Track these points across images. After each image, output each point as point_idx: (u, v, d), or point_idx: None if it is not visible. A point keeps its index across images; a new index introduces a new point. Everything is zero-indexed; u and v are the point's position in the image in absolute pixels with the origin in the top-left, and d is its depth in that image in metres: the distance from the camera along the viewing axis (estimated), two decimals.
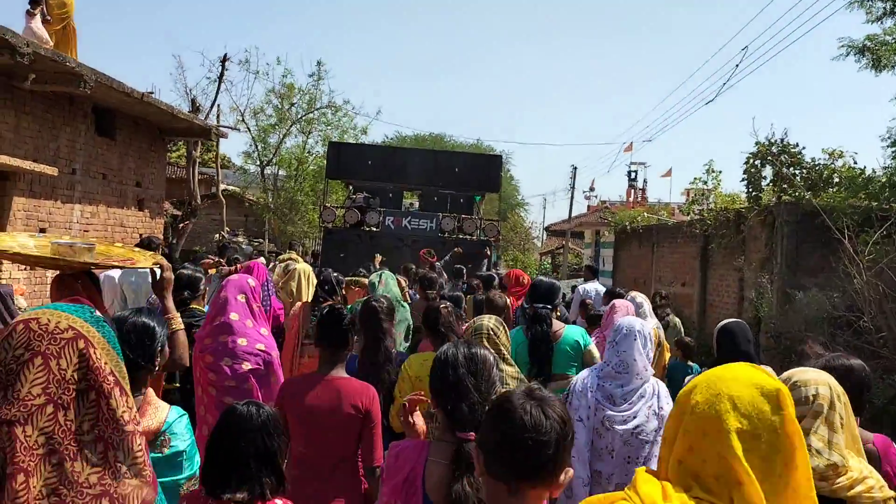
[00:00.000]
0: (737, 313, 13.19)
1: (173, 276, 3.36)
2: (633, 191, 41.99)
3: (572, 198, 41.17)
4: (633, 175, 44.19)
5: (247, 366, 3.64)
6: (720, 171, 14.54)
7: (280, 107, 25.54)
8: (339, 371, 3.25)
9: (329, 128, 26.76)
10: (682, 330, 8.46)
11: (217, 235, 25.56)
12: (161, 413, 2.51)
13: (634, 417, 3.41)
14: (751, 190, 11.43)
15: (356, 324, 3.52)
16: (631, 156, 55.74)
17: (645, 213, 19.49)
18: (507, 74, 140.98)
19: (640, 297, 6.33)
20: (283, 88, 25.72)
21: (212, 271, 7.10)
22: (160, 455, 2.43)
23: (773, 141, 11.49)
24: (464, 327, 4.44)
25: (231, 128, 19.78)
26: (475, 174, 16.26)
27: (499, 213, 26.05)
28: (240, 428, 2.20)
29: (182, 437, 2.53)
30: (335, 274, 5.67)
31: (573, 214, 44.93)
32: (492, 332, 3.64)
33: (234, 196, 29.31)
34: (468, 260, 12.80)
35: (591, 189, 53.88)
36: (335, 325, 3.29)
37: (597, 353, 4.61)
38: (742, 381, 1.43)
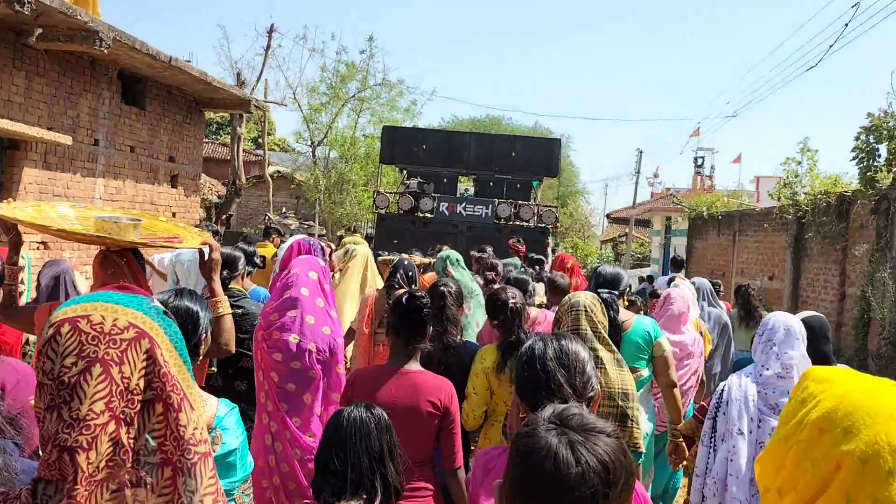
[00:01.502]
0: (837, 312, 11.52)
1: (220, 258, 3.16)
2: (699, 177, 40.40)
3: (637, 183, 39.29)
4: (699, 161, 42.88)
5: (312, 345, 3.37)
6: (816, 151, 12.79)
7: (334, 85, 24.47)
8: (414, 364, 3.01)
9: (383, 107, 25.62)
10: None
11: (266, 217, 24.79)
12: (210, 407, 2.26)
13: None
14: (863, 170, 9.72)
15: (432, 314, 3.18)
16: (698, 141, 53.40)
17: (725, 198, 17.74)
18: (570, 51, 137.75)
19: (685, 285, 6.16)
20: (339, 65, 24.69)
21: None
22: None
23: (890, 113, 9.77)
24: (539, 311, 4.60)
25: (277, 103, 18.81)
26: (533, 159, 15.61)
27: (558, 198, 24.88)
28: (351, 434, 2.05)
29: (234, 433, 2.28)
30: (407, 261, 5.25)
31: (637, 201, 42.98)
32: (588, 309, 3.45)
33: (285, 177, 28.53)
34: (526, 248, 11.83)
35: (656, 175, 51.91)
36: (415, 313, 3.02)
37: (668, 347, 4.19)
38: None
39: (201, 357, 2.44)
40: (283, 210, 27.75)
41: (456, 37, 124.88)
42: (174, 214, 11.84)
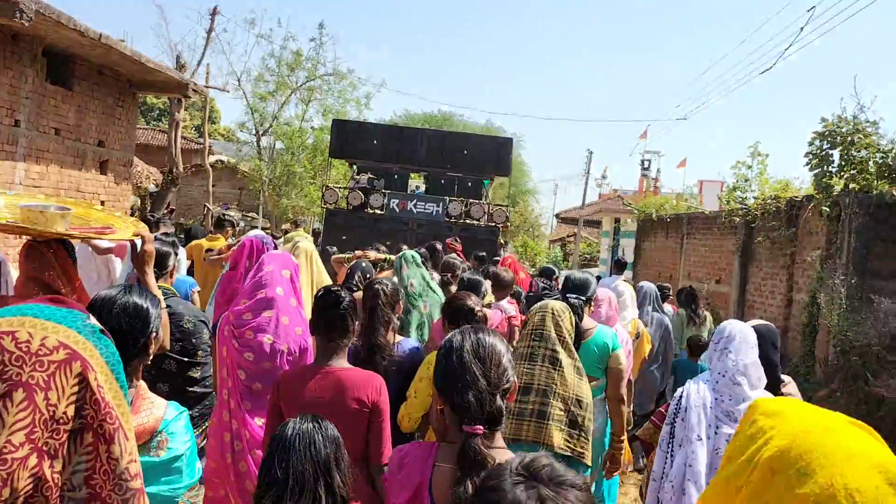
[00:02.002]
0: (784, 318, 11.48)
1: (154, 250, 3.05)
2: (645, 180, 41.01)
3: (587, 183, 39.44)
4: (646, 164, 43.60)
5: (286, 346, 3.36)
6: (767, 155, 12.76)
7: (280, 73, 23.71)
8: (340, 361, 2.95)
9: (331, 97, 24.96)
10: (712, 328, 7.46)
11: (215, 208, 23.91)
12: (157, 409, 2.14)
13: None
14: (818, 176, 9.63)
15: (355, 308, 3.09)
16: (645, 144, 54.06)
17: (673, 201, 17.71)
18: (522, 49, 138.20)
19: (623, 286, 6.16)
20: (285, 53, 23.94)
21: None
22: (156, 459, 2.07)
23: (844, 118, 9.70)
24: (491, 311, 4.57)
25: (219, 88, 18.06)
26: (485, 157, 15.72)
27: (508, 197, 24.79)
28: (295, 442, 1.97)
29: (181, 437, 2.17)
30: (365, 262, 5.28)
31: (586, 202, 43.19)
32: (556, 313, 3.51)
33: (228, 167, 27.67)
34: (476, 247, 12.10)
35: (604, 176, 52.51)
36: (331, 309, 2.97)
37: (623, 360, 4.27)
38: (859, 461, 1.19)
39: (150, 357, 2.27)
40: (224, 202, 26.87)
41: (407, 30, 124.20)
42: (103, 202, 11.12)
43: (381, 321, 3.65)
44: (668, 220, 16.65)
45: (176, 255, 4.51)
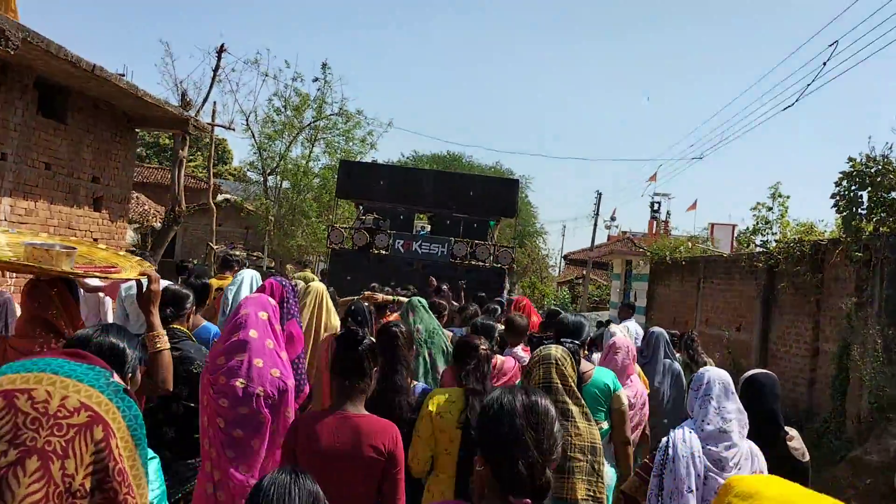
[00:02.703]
0: (810, 369, 10.83)
1: (160, 290, 3.08)
2: (655, 222, 40.65)
3: (595, 225, 38.90)
4: (656, 206, 43.42)
5: (261, 390, 3.26)
6: (788, 197, 12.23)
7: (285, 112, 23.50)
8: (357, 407, 2.88)
9: (339, 137, 24.69)
10: None
11: (217, 246, 23.52)
12: None
13: None
14: (846, 218, 9.08)
15: (376, 352, 3.05)
16: (655, 186, 54.03)
17: (688, 243, 17.15)
18: (532, 93, 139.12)
19: (616, 328, 5.93)
20: (291, 94, 23.77)
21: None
22: None
23: (872, 157, 9.19)
24: (494, 360, 4.50)
25: (225, 126, 17.73)
26: (491, 198, 15.80)
27: (515, 238, 24.48)
28: (269, 498, 1.81)
29: (150, 485, 1.91)
30: (366, 304, 5.30)
31: (594, 244, 42.67)
32: (559, 363, 3.46)
33: (235, 206, 27.37)
34: (481, 289, 11.95)
35: (613, 218, 52.08)
36: (350, 350, 2.92)
37: (626, 401, 4.20)
38: None
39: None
40: (229, 241, 26.49)
41: (416, 70, 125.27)
42: (96, 240, 10.66)
43: (403, 363, 3.68)
44: (684, 262, 16.07)
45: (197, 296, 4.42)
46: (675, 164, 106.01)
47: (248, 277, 6.14)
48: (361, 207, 16.29)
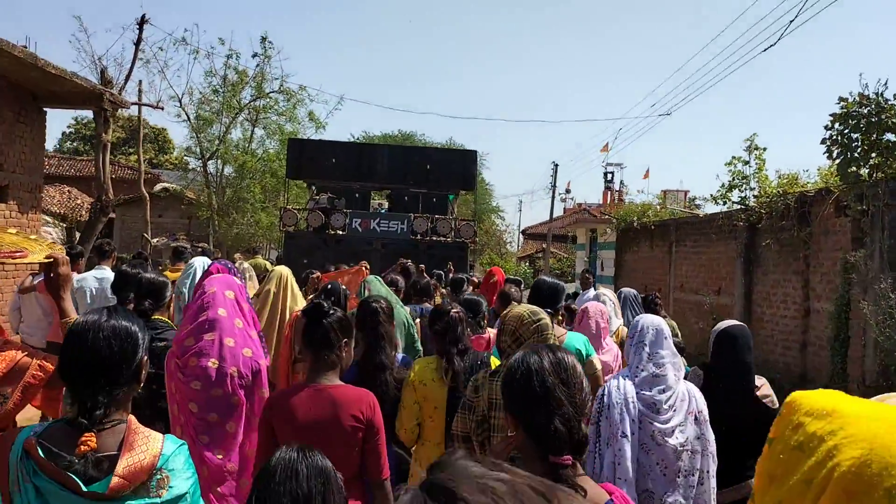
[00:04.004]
0: (801, 330, 10.09)
1: (71, 273, 2.85)
2: (609, 192, 40.46)
3: (553, 197, 38.29)
4: (609, 177, 43.48)
5: (234, 369, 3.15)
6: (765, 149, 11.43)
7: (221, 92, 21.98)
8: (331, 378, 2.85)
9: (281, 118, 23.27)
10: (679, 333, 7.11)
11: (158, 239, 22.05)
12: (154, 443, 1.89)
13: (682, 427, 3.12)
14: (843, 164, 8.26)
15: (345, 324, 2.99)
16: (607, 156, 53.99)
17: (657, 206, 16.36)
18: (483, 60, 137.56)
19: (605, 296, 6.19)
20: (229, 72, 22.23)
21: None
22: (157, 501, 1.84)
23: (865, 97, 8.38)
24: (487, 334, 4.72)
25: (152, 105, 16.25)
26: (449, 172, 15.27)
27: (474, 214, 23.72)
28: (278, 475, 1.84)
29: (182, 474, 1.92)
30: (343, 287, 5.24)
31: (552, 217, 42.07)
32: (549, 329, 3.21)
33: (175, 195, 25.82)
34: (444, 265, 11.64)
35: (568, 191, 51.80)
36: (316, 324, 2.89)
37: (599, 365, 4.21)
38: None
39: (142, 385, 2.06)
40: (171, 232, 24.97)
41: (363, 45, 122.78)
42: None
43: (385, 339, 3.67)
44: (653, 227, 15.27)
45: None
46: (637, 125, 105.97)
47: (200, 265, 5.85)
48: (314, 188, 15.68)
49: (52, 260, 2.77)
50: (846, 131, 8.40)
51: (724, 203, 11.78)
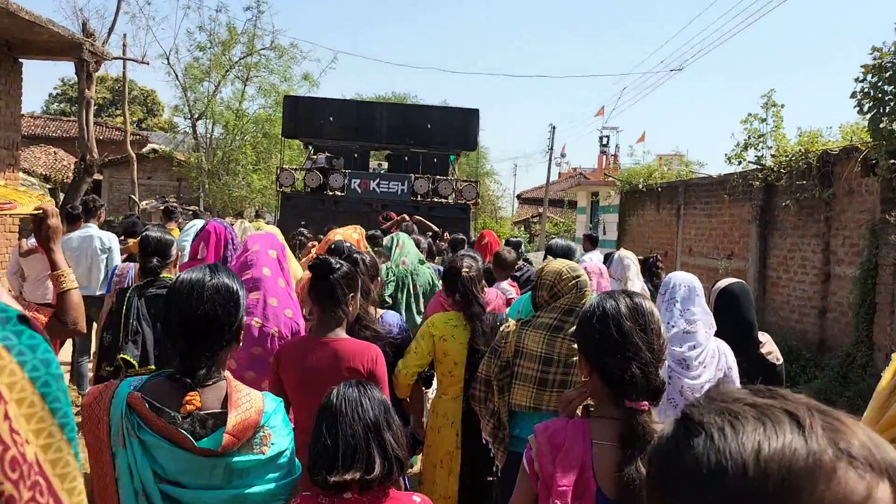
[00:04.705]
0: (820, 296, 9.64)
1: (59, 225, 2.75)
2: (605, 157, 39.86)
3: (550, 160, 37.61)
4: (605, 141, 42.80)
5: (276, 329, 3.23)
6: (783, 106, 10.87)
7: (210, 49, 21.18)
8: (338, 331, 2.94)
9: (274, 76, 22.49)
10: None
11: (147, 202, 21.47)
12: (257, 400, 1.92)
13: (712, 384, 2.89)
14: (874, 119, 7.72)
15: (350, 278, 3.03)
16: (603, 120, 53.35)
17: (663, 167, 15.82)
18: (481, 20, 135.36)
19: (629, 259, 6.18)
20: (217, 27, 21.41)
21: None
22: (262, 457, 1.89)
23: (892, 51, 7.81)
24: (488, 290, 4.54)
25: (136, 60, 15.47)
26: (450, 131, 14.72)
27: (476, 174, 23.20)
28: (341, 407, 1.94)
29: (282, 431, 1.98)
30: (348, 244, 5.07)
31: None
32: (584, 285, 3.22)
33: (164, 157, 25.12)
34: (446, 227, 11.35)
35: (563, 155, 51.13)
36: (323, 279, 2.95)
37: None
38: None
39: (241, 343, 2.05)
40: (162, 196, 24.33)
41: (358, 4, 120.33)
42: None
43: (363, 293, 3.57)
44: (660, 189, 14.75)
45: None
46: (643, 84, 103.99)
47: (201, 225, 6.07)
48: (311, 147, 15.15)
49: (41, 211, 2.71)
50: (879, 84, 7.84)
51: (739, 163, 11.24)
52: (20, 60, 9.91)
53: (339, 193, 13.64)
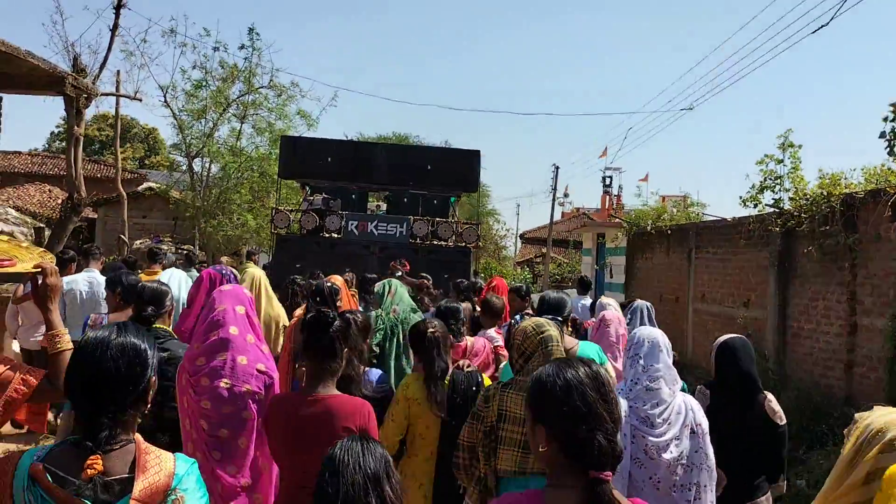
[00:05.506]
0: (847, 349, 8.98)
1: (60, 283, 2.80)
2: (608, 197, 39.46)
3: (553, 200, 37.11)
4: (608, 181, 42.39)
5: (247, 387, 3.18)
6: (800, 146, 10.35)
7: (207, 87, 20.83)
8: (329, 388, 2.97)
9: (271, 115, 22.08)
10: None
11: (140, 241, 20.94)
12: (166, 463, 1.90)
13: (678, 441, 3.10)
14: None
15: (346, 333, 3.10)
16: (605, 161, 53.11)
17: (672, 210, 15.27)
18: (484, 63, 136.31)
19: (608, 301, 6.22)
20: (215, 65, 21.08)
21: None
22: None
23: None
24: (464, 342, 4.76)
25: (129, 97, 15.04)
26: (450, 172, 14.40)
27: (478, 216, 22.74)
28: (343, 458, 1.96)
29: (196, 493, 1.93)
30: (329, 284, 5.24)
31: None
32: (558, 342, 3.23)
33: (160, 195, 24.67)
34: (445, 271, 11.33)
35: (566, 195, 50.77)
36: (321, 333, 2.98)
37: (613, 374, 4.19)
38: None
39: (149, 404, 2.01)
40: (156, 235, 23.81)
41: (358, 44, 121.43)
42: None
43: (354, 352, 3.57)
44: (669, 231, 14.17)
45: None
46: (649, 124, 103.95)
47: (177, 278, 6.59)
48: (308, 188, 14.79)
49: (40, 270, 2.70)
50: None
51: (755, 205, 10.67)
52: (0, 95, 9.45)
53: (336, 235, 13.27)
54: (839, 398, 8.95)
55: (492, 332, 5.44)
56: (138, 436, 1.94)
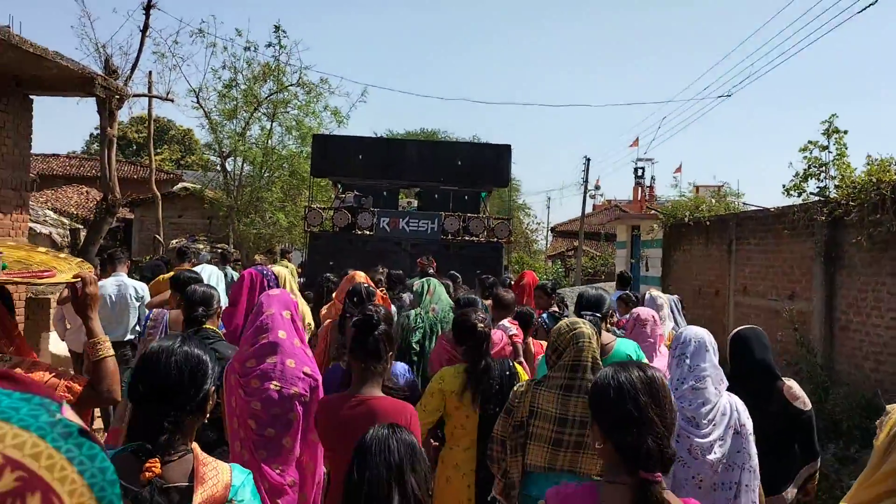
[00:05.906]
0: None
1: (98, 293, 2.82)
2: (640, 189, 38.97)
3: (585, 193, 36.63)
4: (640, 172, 41.81)
5: (295, 390, 3.31)
6: (846, 132, 9.97)
7: (239, 86, 20.86)
8: (374, 390, 3.01)
9: (300, 112, 22.05)
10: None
11: (177, 240, 21.06)
12: (223, 474, 1.94)
13: (722, 442, 3.10)
14: None
15: (391, 335, 3.15)
16: (637, 151, 52.39)
17: (712, 200, 14.89)
18: (515, 57, 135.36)
19: (661, 299, 6.31)
20: (243, 65, 21.09)
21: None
22: None
23: None
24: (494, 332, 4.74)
25: (161, 97, 15.08)
26: (481, 167, 14.33)
27: (508, 211, 22.53)
28: (371, 448, 2.04)
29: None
30: (366, 284, 5.24)
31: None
32: (592, 339, 3.26)
33: (195, 195, 24.84)
34: (477, 267, 11.16)
35: (597, 187, 50.27)
36: (368, 335, 3.04)
37: None
38: None
39: (207, 416, 2.06)
40: (191, 233, 23.98)
41: (387, 39, 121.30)
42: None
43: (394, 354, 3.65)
44: (708, 223, 13.82)
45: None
46: (682, 115, 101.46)
47: (207, 274, 6.89)
48: (340, 186, 14.88)
49: (79, 280, 2.73)
50: None
51: (799, 194, 10.32)
52: (31, 97, 9.45)
53: (368, 232, 13.31)
54: (893, 393, 8.60)
55: (506, 322, 5.52)
56: (196, 446, 1.98)
